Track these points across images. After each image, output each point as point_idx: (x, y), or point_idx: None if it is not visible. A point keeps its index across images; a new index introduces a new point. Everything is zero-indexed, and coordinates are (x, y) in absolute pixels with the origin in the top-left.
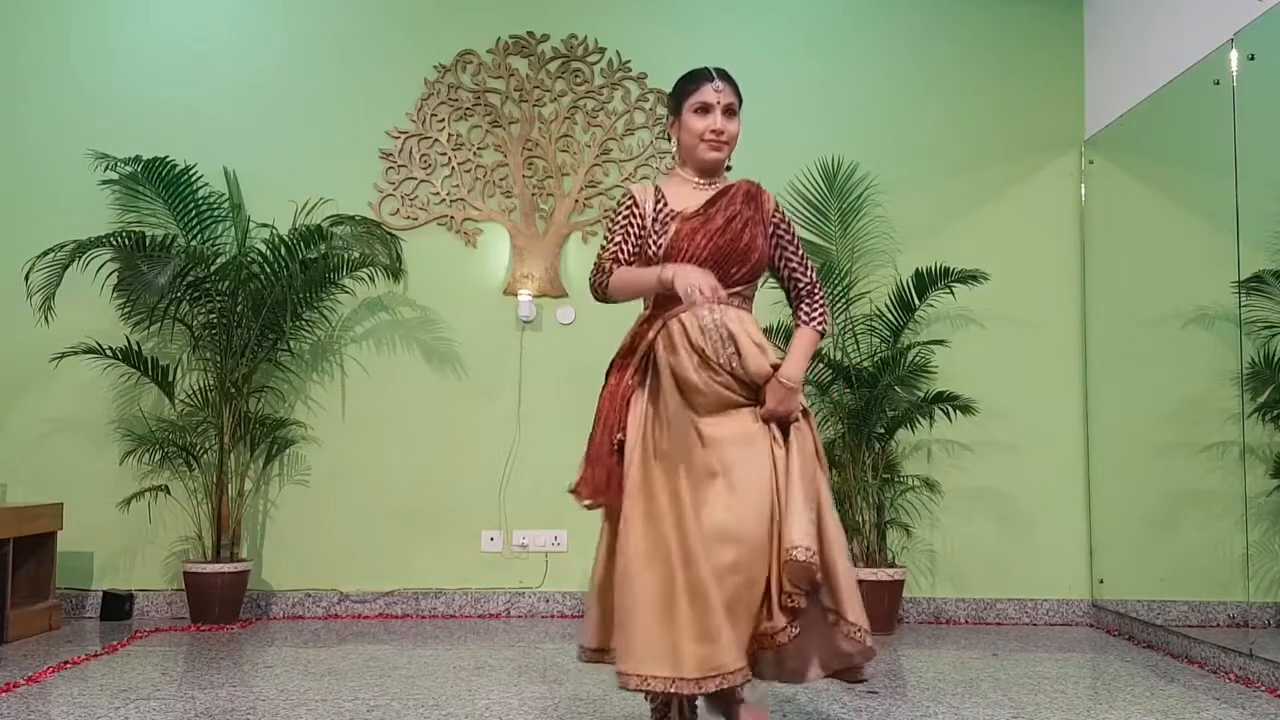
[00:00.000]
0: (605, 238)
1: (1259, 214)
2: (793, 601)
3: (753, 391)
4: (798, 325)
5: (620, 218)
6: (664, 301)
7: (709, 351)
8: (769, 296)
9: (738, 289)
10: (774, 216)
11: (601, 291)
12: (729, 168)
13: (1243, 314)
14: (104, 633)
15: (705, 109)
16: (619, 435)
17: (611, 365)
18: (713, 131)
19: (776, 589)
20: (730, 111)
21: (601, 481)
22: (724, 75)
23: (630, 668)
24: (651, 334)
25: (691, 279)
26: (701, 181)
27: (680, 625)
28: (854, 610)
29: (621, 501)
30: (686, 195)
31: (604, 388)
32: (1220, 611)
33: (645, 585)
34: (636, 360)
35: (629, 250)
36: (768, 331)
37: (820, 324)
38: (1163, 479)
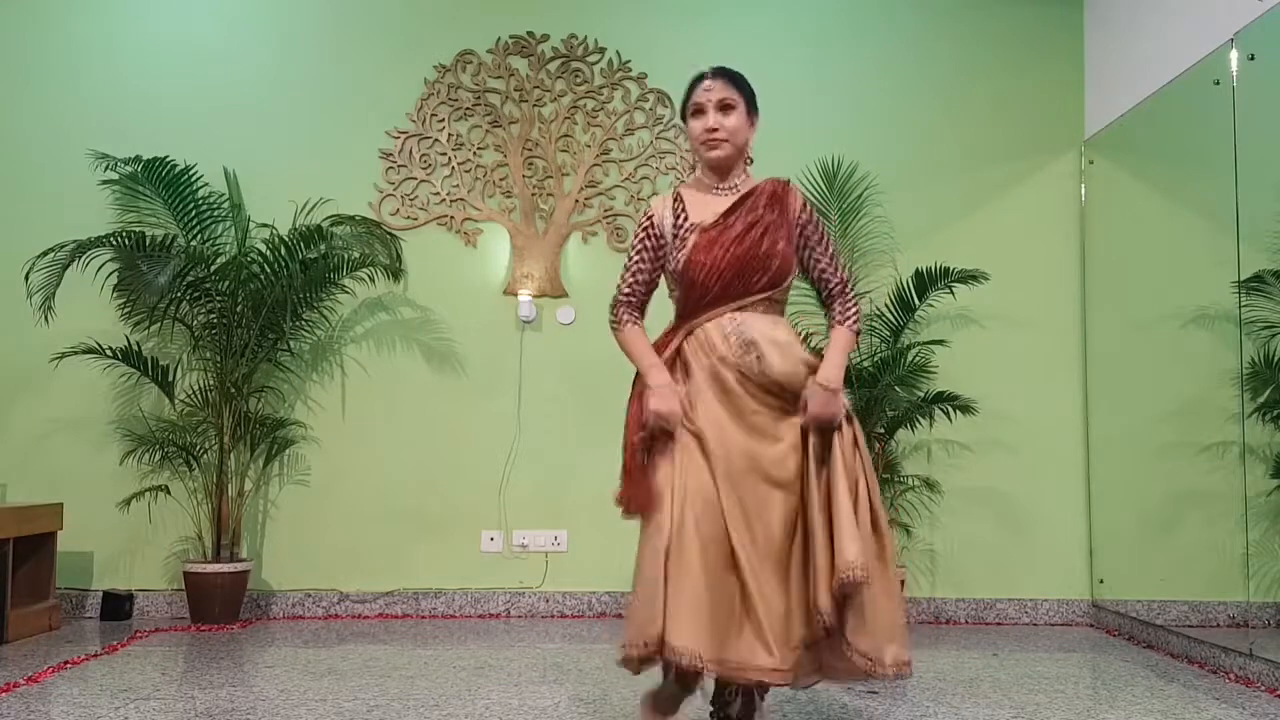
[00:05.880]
0: (625, 263)
1: (1259, 214)
2: (824, 620)
3: (793, 397)
4: (832, 326)
5: (637, 240)
6: (687, 311)
7: (731, 359)
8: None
9: (763, 295)
10: (800, 217)
11: (614, 331)
12: (750, 160)
13: (1243, 314)
14: (104, 633)
15: (699, 110)
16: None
17: (637, 375)
18: (706, 131)
19: (812, 602)
20: (727, 107)
21: (634, 493)
22: (720, 73)
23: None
24: (677, 342)
25: (653, 405)
26: (721, 186)
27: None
28: (853, 629)
29: (653, 508)
30: (707, 203)
31: (630, 398)
32: (1220, 611)
33: (701, 579)
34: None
35: (645, 279)
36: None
37: (854, 323)
38: (1163, 479)
